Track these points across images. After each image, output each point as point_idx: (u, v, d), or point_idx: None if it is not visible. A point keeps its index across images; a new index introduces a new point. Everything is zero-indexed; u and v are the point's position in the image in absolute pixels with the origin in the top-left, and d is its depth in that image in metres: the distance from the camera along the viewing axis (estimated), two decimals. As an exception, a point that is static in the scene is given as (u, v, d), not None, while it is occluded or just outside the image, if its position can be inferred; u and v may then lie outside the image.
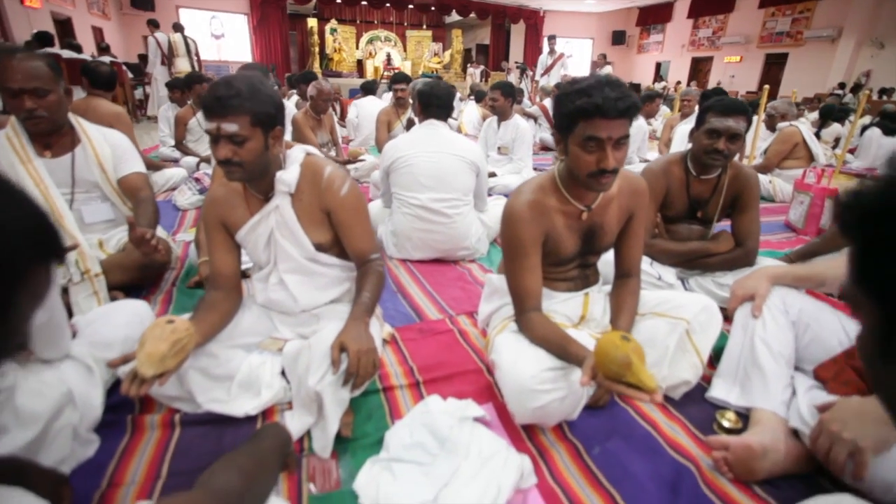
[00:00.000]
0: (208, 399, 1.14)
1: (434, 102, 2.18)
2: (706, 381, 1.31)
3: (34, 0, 7.10)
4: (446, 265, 2.23)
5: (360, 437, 1.13)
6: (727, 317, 1.30)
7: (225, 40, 12.26)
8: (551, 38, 8.13)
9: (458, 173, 2.14)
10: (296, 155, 1.22)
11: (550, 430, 1.16)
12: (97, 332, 1.15)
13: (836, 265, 1.26)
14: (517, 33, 15.86)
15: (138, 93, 8.04)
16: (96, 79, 2.78)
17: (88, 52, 7.36)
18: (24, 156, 1.55)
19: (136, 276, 1.71)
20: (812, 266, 1.31)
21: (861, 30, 9.84)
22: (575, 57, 8.26)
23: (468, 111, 5.95)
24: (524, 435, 1.15)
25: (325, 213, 1.23)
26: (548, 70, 8.00)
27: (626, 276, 1.33)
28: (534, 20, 14.96)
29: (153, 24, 7.20)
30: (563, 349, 1.06)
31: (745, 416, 1.18)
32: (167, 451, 1.08)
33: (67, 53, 5.91)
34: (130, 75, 7.67)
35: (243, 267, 1.35)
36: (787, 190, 3.51)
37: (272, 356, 1.26)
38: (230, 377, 1.18)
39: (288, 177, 1.17)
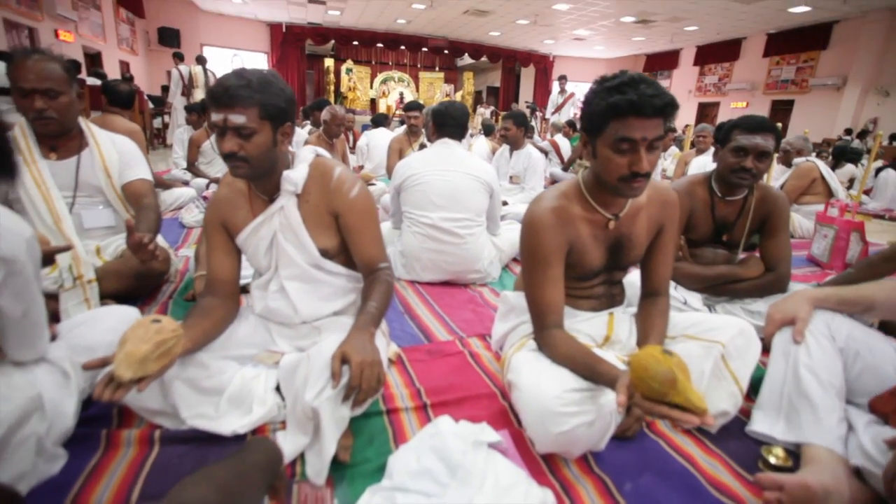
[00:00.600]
0: (194, 414, 1.03)
1: (449, 122, 2.15)
2: (744, 413, 1.18)
3: (67, 34, 7.44)
4: (456, 288, 2.13)
5: (359, 462, 1.00)
6: (764, 346, 1.18)
7: (244, 77, 12.73)
8: (562, 79, 8.35)
9: (472, 193, 2.09)
10: (305, 155, 1.16)
11: (574, 462, 1.03)
12: (79, 336, 1.06)
13: (887, 286, 1.15)
14: (527, 76, 16.36)
15: (157, 122, 8.26)
16: (115, 97, 2.82)
17: (113, 82, 7.63)
18: (30, 157, 1.51)
19: (132, 284, 1.63)
20: (859, 288, 1.19)
21: (866, 79, 9.99)
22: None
23: (478, 145, 5.99)
24: (545, 466, 1.01)
25: (333, 217, 1.16)
26: (559, 108, 8.16)
27: (653, 294, 1.23)
28: (543, 64, 15.47)
29: (178, 57, 7.49)
30: (591, 368, 0.94)
31: (794, 454, 1.05)
32: (141, 471, 0.95)
33: (92, 80, 6.12)
34: (151, 105, 7.91)
35: (243, 282, 1.27)
36: (807, 226, 3.41)
37: (267, 370, 1.15)
38: (220, 391, 1.07)
39: (295, 175, 1.11)
